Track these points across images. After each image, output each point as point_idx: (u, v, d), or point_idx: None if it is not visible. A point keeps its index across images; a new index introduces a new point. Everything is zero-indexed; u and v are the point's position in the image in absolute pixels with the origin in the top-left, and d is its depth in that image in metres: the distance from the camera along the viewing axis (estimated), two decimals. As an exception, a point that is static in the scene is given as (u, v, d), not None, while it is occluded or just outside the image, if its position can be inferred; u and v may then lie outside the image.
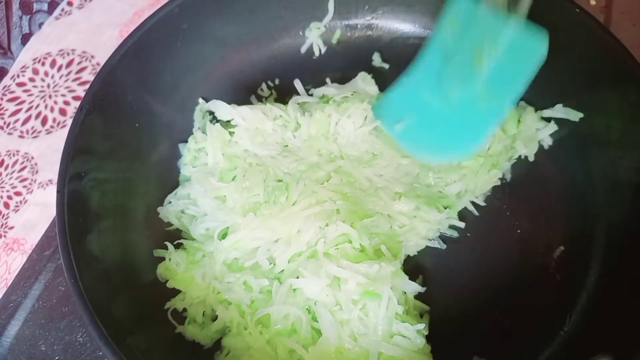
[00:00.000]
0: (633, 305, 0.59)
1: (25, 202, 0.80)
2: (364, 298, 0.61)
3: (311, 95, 0.80)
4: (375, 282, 0.61)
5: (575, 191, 0.71)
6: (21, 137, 0.86)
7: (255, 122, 0.74)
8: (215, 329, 0.65)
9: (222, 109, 0.75)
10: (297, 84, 0.81)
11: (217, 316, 0.66)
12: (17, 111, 0.88)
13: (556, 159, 0.74)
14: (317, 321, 0.62)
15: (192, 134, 0.77)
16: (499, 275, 0.66)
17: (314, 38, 0.84)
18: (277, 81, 0.83)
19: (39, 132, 0.86)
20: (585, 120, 0.72)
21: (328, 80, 0.82)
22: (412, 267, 0.69)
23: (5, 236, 0.78)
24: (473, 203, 0.73)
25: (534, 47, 0.60)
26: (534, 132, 0.74)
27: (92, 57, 0.92)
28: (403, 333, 0.60)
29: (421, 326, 0.61)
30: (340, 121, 0.74)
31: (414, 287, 0.64)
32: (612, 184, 0.68)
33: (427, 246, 0.70)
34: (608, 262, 0.66)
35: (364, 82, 0.79)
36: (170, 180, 0.76)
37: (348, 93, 0.78)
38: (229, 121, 0.75)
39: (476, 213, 0.72)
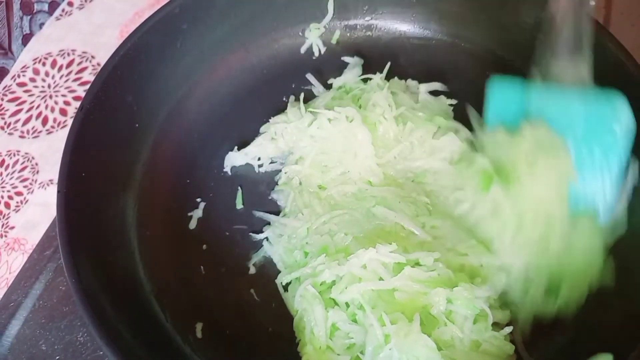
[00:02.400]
0: (633, 305, 0.59)
1: (26, 202, 0.81)
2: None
3: (331, 84, 0.80)
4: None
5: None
6: (22, 137, 0.86)
7: None
8: None
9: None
10: (310, 77, 0.81)
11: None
12: (18, 111, 0.88)
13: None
14: None
15: (191, 134, 0.78)
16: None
17: (314, 38, 0.84)
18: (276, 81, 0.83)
19: (40, 132, 0.86)
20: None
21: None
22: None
23: (6, 236, 0.78)
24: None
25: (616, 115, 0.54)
26: None
27: (93, 57, 0.92)
28: (491, 341, 0.58)
29: (509, 329, 0.59)
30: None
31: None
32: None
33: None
34: (608, 260, 0.65)
35: None
36: (170, 180, 0.76)
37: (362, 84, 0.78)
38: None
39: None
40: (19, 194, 0.81)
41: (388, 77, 0.79)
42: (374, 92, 0.75)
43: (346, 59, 0.82)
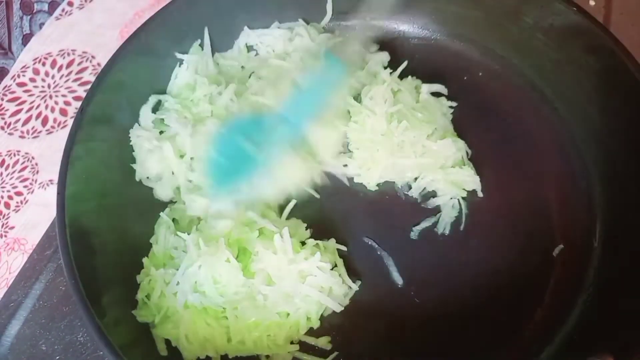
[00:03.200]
0: (633, 305, 0.59)
1: (26, 202, 0.81)
2: None
3: None
4: None
5: (573, 189, 0.71)
6: (22, 137, 0.86)
7: None
8: None
9: None
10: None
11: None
12: (18, 111, 0.88)
13: (554, 157, 0.74)
14: None
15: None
16: (498, 274, 0.66)
17: (313, 39, 0.84)
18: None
19: (40, 132, 0.86)
20: (584, 119, 0.72)
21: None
22: (406, 261, 0.69)
23: (5, 236, 0.78)
24: (471, 201, 0.72)
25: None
26: None
27: (93, 57, 0.92)
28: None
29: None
30: None
31: None
32: (611, 182, 0.68)
33: (422, 244, 0.70)
34: (608, 260, 0.66)
35: None
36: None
37: None
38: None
39: (475, 210, 0.72)
40: (19, 194, 0.81)
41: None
42: (375, 85, 0.75)
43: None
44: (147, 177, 0.73)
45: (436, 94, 0.78)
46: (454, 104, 0.77)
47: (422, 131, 0.72)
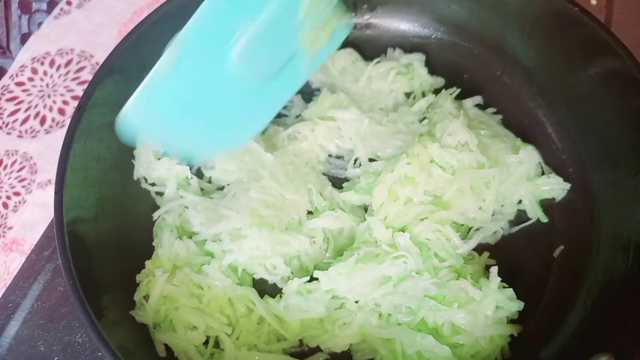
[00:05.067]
0: (633, 304, 0.59)
1: (24, 202, 0.80)
2: None
3: None
4: None
5: (574, 190, 0.71)
6: (20, 136, 0.86)
7: None
8: None
9: None
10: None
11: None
12: (16, 111, 0.88)
13: (555, 159, 0.74)
14: None
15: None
16: (499, 274, 0.66)
17: (314, 37, 0.84)
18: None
19: (38, 131, 0.86)
20: (584, 119, 0.72)
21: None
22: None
23: (4, 236, 0.78)
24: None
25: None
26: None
27: (91, 56, 0.92)
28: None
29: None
30: None
31: None
32: (610, 183, 0.68)
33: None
34: (608, 260, 0.65)
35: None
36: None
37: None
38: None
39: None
40: (17, 194, 0.81)
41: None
42: (448, 121, 0.71)
43: None
44: (145, 179, 0.73)
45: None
46: (500, 116, 0.77)
47: (498, 147, 0.71)
